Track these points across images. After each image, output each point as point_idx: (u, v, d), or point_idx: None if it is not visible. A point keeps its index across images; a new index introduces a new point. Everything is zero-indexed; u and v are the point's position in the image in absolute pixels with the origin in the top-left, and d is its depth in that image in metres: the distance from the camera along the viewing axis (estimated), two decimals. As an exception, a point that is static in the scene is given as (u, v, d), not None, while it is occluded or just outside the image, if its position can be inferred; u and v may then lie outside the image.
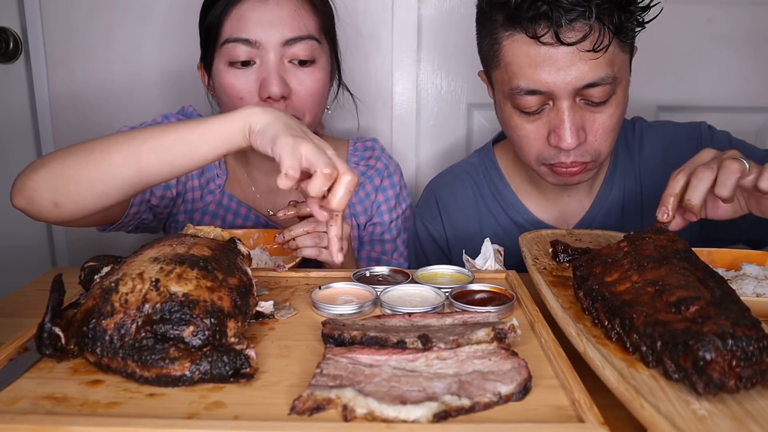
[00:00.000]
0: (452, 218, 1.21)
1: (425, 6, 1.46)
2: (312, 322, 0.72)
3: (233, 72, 1.03)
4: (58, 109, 1.48)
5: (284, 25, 1.02)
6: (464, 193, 1.21)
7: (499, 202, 1.19)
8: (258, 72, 1.02)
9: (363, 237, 1.26)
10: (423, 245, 1.25)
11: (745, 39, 1.48)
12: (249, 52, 1.01)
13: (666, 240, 0.71)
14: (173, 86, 1.47)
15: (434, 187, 1.26)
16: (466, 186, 1.22)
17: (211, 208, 1.15)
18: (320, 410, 0.52)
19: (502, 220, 1.19)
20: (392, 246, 1.27)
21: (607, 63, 0.93)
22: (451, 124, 1.53)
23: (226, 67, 1.03)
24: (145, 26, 1.44)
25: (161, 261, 0.64)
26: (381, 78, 1.49)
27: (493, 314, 0.71)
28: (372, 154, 1.26)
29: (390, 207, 1.25)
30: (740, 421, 0.49)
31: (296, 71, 1.04)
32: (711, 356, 0.51)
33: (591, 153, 1.00)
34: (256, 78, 1.02)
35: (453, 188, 1.23)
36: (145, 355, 0.56)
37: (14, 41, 1.46)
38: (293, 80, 1.03)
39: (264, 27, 1.01)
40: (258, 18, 1.01)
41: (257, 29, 1.01)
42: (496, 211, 1.19)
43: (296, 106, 1.04)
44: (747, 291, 0.79)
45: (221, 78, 1.04)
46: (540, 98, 0.96)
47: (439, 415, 0.50)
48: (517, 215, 1.17)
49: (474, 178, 1.22)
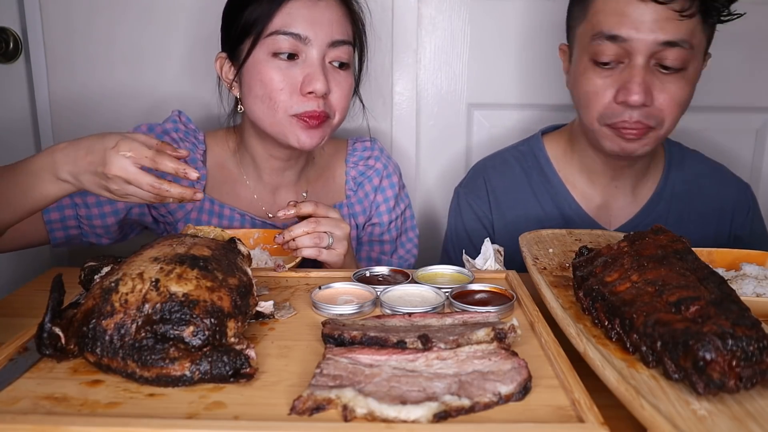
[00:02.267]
0: (500, 200, 1.24)
1: (425, 6, 1.46)
2: (312, 322, 0.72)
3: (276, 63, 1.03)
4: (58, 109, 1.47)
5: (332, 27, 1.04)
6: (513, 177, 1.24)
7: (546, 189, 1.22)
8: (302, 67, 1.04)
9: (362, 237, 1.26)
10: (467, 228, 1.26)
11: (745, 39, 1.47)
12: (296, 46, 1.03)
13: (666, 240, 0.71)
14: (173, 86, 1.47)
15: (482, 168, 1.28)
16: (515, 170, 1.25)
17: (192, 216, 1.15)
18: (320, 410, 0.52)
19: (548, 207, 1.21)
20: (391, 247, 1.27)
21: (689, 30, 0.99)
22: (451, 124, 1.53)
23: (269, 57, 1.03)
24: (145, 26, 1.44)
25: (161, 261, 0.64)
26: (381, 78, 1.48)
27: (493, 314, 0.71)
28: (371, 154, 1.26)
29: (389, 207, 1.25)
30: (740, 421, 0.49)
31: (335, 73, 1.06)
32: (711, 356, 0.51)
33: (655, 118, 1.03)
34: (299, 72, 1.03)
35: (503, 171, 1.25)
36: (145, 355, 0.56)
37: (14, 41, 1.45)
38: (332, 81, 1.06)
39: (314, 25, 1.03)
40: (309, 15, 1.03)
41: (307, 26, 1.03)
42: (543, 198, 1.21)
43: (331, 105, 1.07)
44: (747, 291, 0.79)
45: (262, 68, 1.04)
46: (617, 50, 1.00)
47: (439, 415, 0.50)
48: (564, 203, 1.20)
49: (522, 164, 1.25)
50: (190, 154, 0.86)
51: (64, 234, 1.09)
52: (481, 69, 1.49)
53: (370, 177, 1.24)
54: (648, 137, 1.05)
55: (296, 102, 1.03)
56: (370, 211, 1.25)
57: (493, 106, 1.52)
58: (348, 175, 1.24)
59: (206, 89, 1.34)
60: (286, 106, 1.03)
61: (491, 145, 1.38)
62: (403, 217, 1.29)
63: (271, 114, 1.04)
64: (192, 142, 1.16)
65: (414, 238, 1.31)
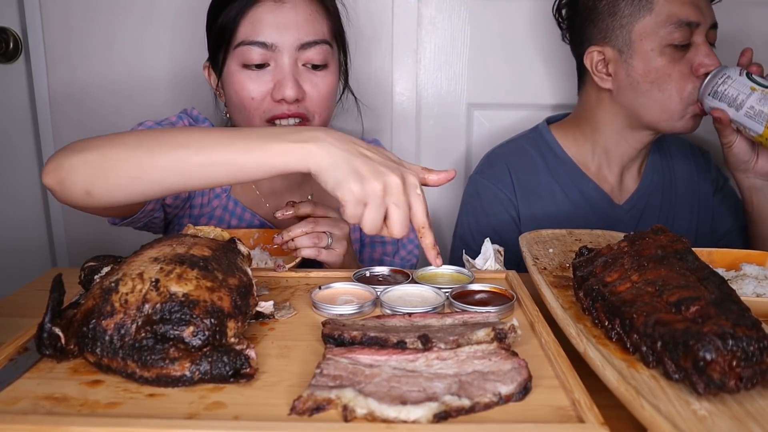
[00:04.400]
0: (524, 185, 1.27)
1: (425, 6, 1.46)
2: (312, 322, 0.72)
3: (247, 73, 1.03)
4: (58, 108, 1.47)
5: (300, 29, 1.02)
6: (532, 162, 1.28)
7: (564, 171, 1.28)
8: (272, 74, 1.03)
9: (364, 239, 1.25)
10: (488, 211, 1.28)
11: (744, 39, 1.47)
12: (264, 54, 1.01)
13: (666, 240, 0.71)
14: (174, 86, 1.47)
15: (501, 155, 1.31)
16: (532, 155, 1.29)
17: (217, 213, 1.15)
18: (320, 410, 0.52)
19: (570, 191, 1.26)
20: (393, 248, 1.26)
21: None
22: (451, 124, 1.53)
23: (240, 68, 1.03)
24: (145, 26, 1.44)
25: (161, 261, 0.64)
26: (381, 78, 1.49)
27: (493, 314, 0.71)
28: None
29: None
30: (740, 421, 0.49)
31: (310, 75, 1.04)
32: (711, 356, 0.51)
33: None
34: (270, 79, 1.03)
35: (521, 157, 1.29)
36: (145, 355, 0.56)
37: (14, 41, 1.45)
38: (307, 84, 1.04)
39: (280, 30, 1.01)
40: (274, 21, 1.01)
41: (273, 32, 1.01)
42: (561, 180, 1.27)
43: (308, 108, 1.05)
44: (747, 291, 0.79)
45: (234, 79, 1.04)
46: (687, 33, 1.11)
47: (439, 416, 0.50)
48: (585, 186, 1.26)
49: (537, 150, 1.29)
50: None
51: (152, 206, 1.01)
52: (481, 69, 1.49)
53: None
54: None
55: (270, 108, 1.03)
56: None
57: (493, 106, 1.52)
58: None
59: (207, 89, 1.35)
60: (260, 114, 1.04)
61: (491, 145, 1.38)
62: None
63: (248, 122, 1.05)
64: None
65: (415, 238, 1.30)
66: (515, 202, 1.27)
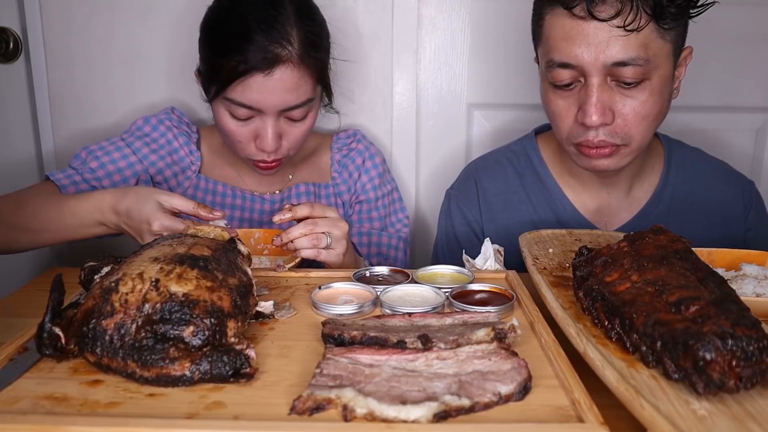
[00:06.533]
0: (491, 203, 1.21)
1: (425, 6, 1.46)
2: (312, 322, 0.72)
3: (234, 122, 1.10)
4: (58, 109, 1.47)
5: (285, 94, 1.07)
6: (505, 179, 1.21)
7: (541, 192, 1.18)
8: (255, 125, 1.10)
9: (351, 216, 1.30)
10: (456, 230, 1.24)
11: (745, 39, 1.47)
12: (250, 113, 1.09)
13: (666, 240, 0.71)
14: (174, 86, 1.46)
15: (474, 170, 1.25)
16: (507, 172, 1.21)
17: (189, 192, 1.22)
18: (320, 410, 0.52)
19: (542, 210, 1.18)
20: (381, 224, 1.30)
21: (640, 45, 0.93)
22: (451, 124, 1.53)
23: (228, 115, 1.10)
24: (145, 27, 1.44)
25: (161, 261, 0.64)
26: (381, 78, 1.48)
27: (493, 314, 0.71)
28: (353, 139, 1.33)
29: (374, 185, 1.31)
30: (740, 421, 0.49)
31: (289, 126, 1.12)
32: (711, 356, 0.51)
33: (621, 136, 0.99)
34: (253, 129, 1.10)
35: (494, 173, 1.22)
36: (145, 355, 0.56)
37: (14, 41, 1.45)
38: (286, 133, 1.12)
39: (266, 97, 1.06)
40: (263, 88, 1.05)
41: (260, 99, 1.06)
42: (537, 201, 1.18)
43: (283, 151, 1.14)
44: (747, 291, 0.79)
45: (220, 118, 1.11)
46: (572, 73, 0.98)
47: (439, 415, 0.50)
48: (560, 208, 1.17)
49: (515, 165, 1.22)
50: (225, 215, 0.93)
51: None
52: (481, 69, 1.49)
53: (353, 158, 1.31)
54: (619, 154, 1.02)
55: (250, 150, 1.13)
56: (356, 188, 1.30)
57: (493, 106, 1.52)
58: (333, 159, 1.31)
59: (206, 89, 1.35)
60: (242, 150, 1.13)
61: (491, 145, 1.38)
62: (390, 197, 1.33)
63: (232, 147, 1.16)
64: (185, 131, 1.24)
65: (404, 218, 1.35)
66: (480, 221, 1.22)
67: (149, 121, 1.23)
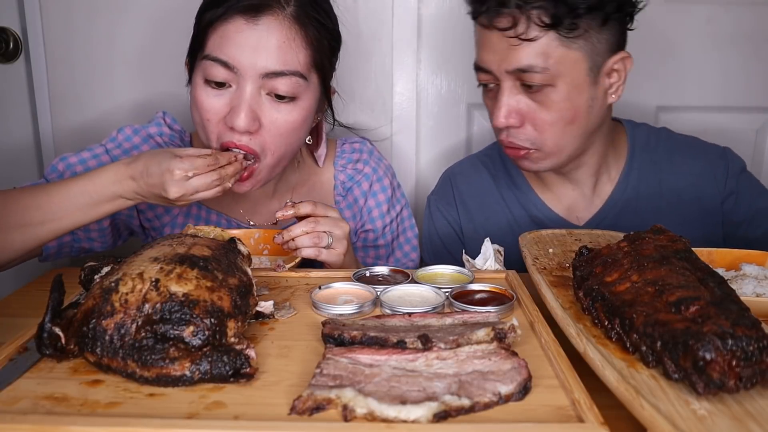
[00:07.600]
0: (467, 205, 1.24)
1: (425, 6, 1.46)
2: (312, 322, 0.72)
3: (207, 90, 0.96)
4: (58, 109, 1.47)
5: (269, 55, 0.93)
6: (480, 182, 1.24)
7: (514, 193, 1.21)
8: (231, 97, 0.95)
9: (356, 243, 1.23)
10: (440, 234, 1.26)
11: (745, 39, 1.47)
12: (226, 74, 0.94)
13: (666, 240, 0.71)
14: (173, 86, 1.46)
15: (451, 174, 1.29)
16: (482, 175, 1.25)
17: (179, 221, 1.13)
18: (320, 410, 0.52)
19: (516, 211, 1.21)
20: (387, 251, 1.25)
21: (540, 54, 0.97)
22: (451, 124, 1.53)
23: (202, 83, 0.96)
24: (145, 26, 1.44)
25: (161, 261, 0.64)
26: (381, 78, 1.49)
27: (493, 314, 0.71)
28: (360, 157, 1.21)
29: (382, 212, 1.21)
30: (740, 421, 0.49)
31: (272, 105, 0.96)
32: (711, 356, 0.51)
33: (531, 141, 1.03)
34: (228, 102, 0.95)
35: (469, 176, 1.26)
36: (145, 355, 0.56)
37: (14, 41, 1.45)
38: (265, 115, 0.96)
39: (246, 52, 0.93)
40: (242, 41, 0.93)
41: (238, 54, 0.93)
42: (510, 201, 1.21)
43: (260, 143, 0.97)
44: (747, 291, 0.79)
45: (195, 92, 0.98)
46: (488, 76, 1.03)
47: (439, 415, 0.50)
48: (532, 206, 1.19)
49: (490, 168, 1.25)
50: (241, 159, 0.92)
51: (56, 242, 1.01)
52: (481, 69, 1.49)
53: (359, 182, 1.20)
54: (532, 157, 1.05)
55: (223, 132, 0.96)
56: (362, 216, 1.21)
57: (493, 106, 1.52)
58: (337, 179, 1.19)
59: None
60: (216, 137, 0.97)
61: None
62: (399, 218, 1.25)
63: (207, 141, 0.99)
64: (177, 144, 1.14)
65: (413, 238, 1.28)
66: (459, 222, 1.25)
67: (139, 132, 1.11)
